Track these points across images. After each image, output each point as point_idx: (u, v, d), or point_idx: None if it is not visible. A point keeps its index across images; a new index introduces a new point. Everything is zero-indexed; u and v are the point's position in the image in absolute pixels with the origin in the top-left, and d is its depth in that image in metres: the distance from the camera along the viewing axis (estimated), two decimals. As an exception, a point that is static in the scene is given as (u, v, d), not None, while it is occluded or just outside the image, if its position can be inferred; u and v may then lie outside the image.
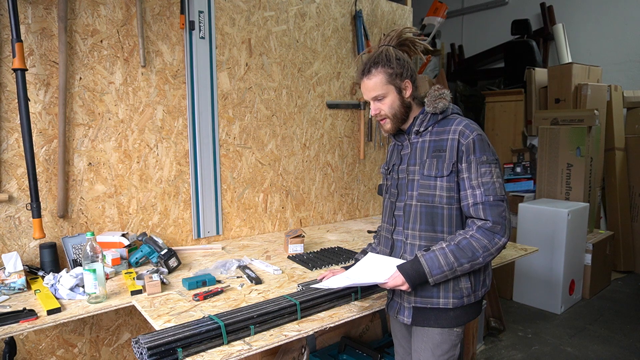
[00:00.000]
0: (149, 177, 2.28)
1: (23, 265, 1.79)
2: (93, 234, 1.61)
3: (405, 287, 1.35)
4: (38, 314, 1.50)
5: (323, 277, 1.64)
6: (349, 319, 1.56)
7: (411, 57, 1.54)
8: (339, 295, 1.64)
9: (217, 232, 2.56)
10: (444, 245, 1.33)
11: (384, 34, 1.48)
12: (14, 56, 1.79)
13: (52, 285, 1.71)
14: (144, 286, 1.73)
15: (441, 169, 1.36)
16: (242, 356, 1.29)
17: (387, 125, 1.46)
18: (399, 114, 1.44)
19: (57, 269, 1.91)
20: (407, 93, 1.43)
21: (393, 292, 1.51)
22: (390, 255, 1.50)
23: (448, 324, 1.41)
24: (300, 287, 1.72)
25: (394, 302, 1.52)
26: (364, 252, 1.73)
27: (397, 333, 1.67)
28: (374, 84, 1.42)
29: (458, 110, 1.47)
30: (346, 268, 1.66)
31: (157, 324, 1.44)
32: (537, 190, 4.18)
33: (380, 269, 1.43)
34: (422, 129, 1.43)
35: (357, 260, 1.72)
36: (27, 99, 1.83)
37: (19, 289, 1.73)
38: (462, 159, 1.34)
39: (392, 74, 1.40)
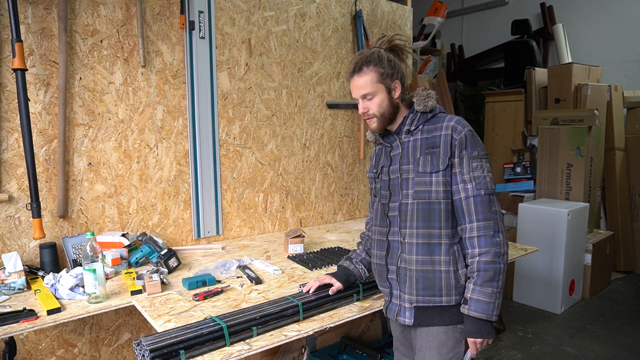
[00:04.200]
0: (149, 177, 2.28)
1: (23, 265, 1.79)
2: (93, 234, 1.61)
3: (487, 341, 1.38)
4: (38, 314, 1.50)
5: (310, 288, 1.64)
6: (349, 319, 1.56)
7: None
8: (342, 295, 1.64)
9: (217, 232, 2.56)
10: (471, 286, 1.35)
11: (379, 37, 1.51)
12: (14, 56, 1.79)
13: (52, 285, 1.71)
14: (144, 286, 1.73)
15: (436, 165, 1.38)
16: (242, 356, 1.29)
17: (374, 124, 1.48)
18: (386, 114, 1.46)
19: (57, 269, 1.91)
20: (396, 94, 1.45)
21: (391, 294, 1.51)
22: (387, 257, 1.49)
23: (452, 320, 1.41)
24: (302, 288, 1.71)
25: (392, 305, 1.51)
26: (349, 259, 1.72)
27: (395, 336, 1.67)
28: (365, 82, 1.43)
29: (444, 109, 1.50)
30: (333, 275, 1.66)
31: (157, 324, 1.44)
32: (537, 190, 4.18)
33: None
34: (412, 128, 1.45)
35: (339, 267, 1.72)
36: (27, 99, 1.83)
37: (19, 289, 1.73)
38: (455, 154, 1.37)
39: (383, 73, 1.42)
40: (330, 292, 1.61)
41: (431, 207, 1.39)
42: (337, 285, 1.63)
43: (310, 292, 1.63)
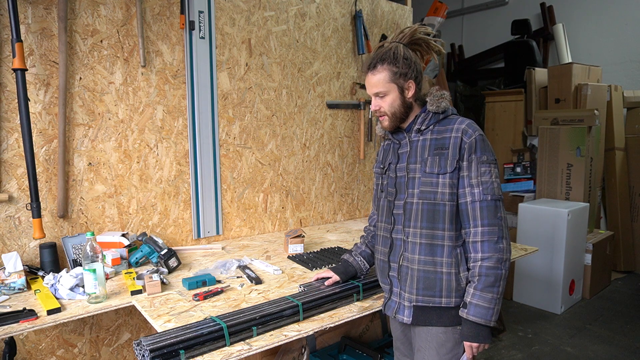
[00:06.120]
0: (149, 177, 2.28)
1: (23, 265, 1.79)
2: (93, 234, 1.61)
3: (483, 346, 1.38)
4: (38, 314, 1.50)
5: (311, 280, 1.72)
6: (349, 319, 1.56)
7: (424, 57, 1.54)
8: (342, 295, 1.64)
9: (217, 232, 2.56)
10: (471, 290, 1.35)
11: (400, 31, 1.48)
12: (14, 56, 1.79)
13: (52, 285, 1.71)
14: (144, 286, 1.73)
15: (444, 166, 1.37)
16: (242, 356, 1.29)
17: (386, 122, 1.48)
18: (398, 113, 1.45)
19: (57, 269, 1.91)
20: (409, 94, 1.44)
21: (391, 292, 1.51)
22: (389, 254, 1.50)
23: (451, 322, 1.41)
24: (302, 288, 1.72)
25: (391, 302, 1.51)
26: (350, 252, 1.78)
27: (395, 336, 1.67)
28: (377, 80, 1.43)
29: (456, 111, 1.49)
30: (332, 269, 1.74)
31: (157, 324, 1.44)
32: (537, 190, 4.18)
33: None
34: (423, 127, 1.44)
35: (342, 260, 1.78)
36: (27, 99, 1.83)
37: (19, 289, 1.73)
38: (464, 157, 1.36)
39: (396, 72, 1.41)
40: (326, 283, 1.68)
41: (436, 208, 1.39)
42: (334, 277, 1.68)
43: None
